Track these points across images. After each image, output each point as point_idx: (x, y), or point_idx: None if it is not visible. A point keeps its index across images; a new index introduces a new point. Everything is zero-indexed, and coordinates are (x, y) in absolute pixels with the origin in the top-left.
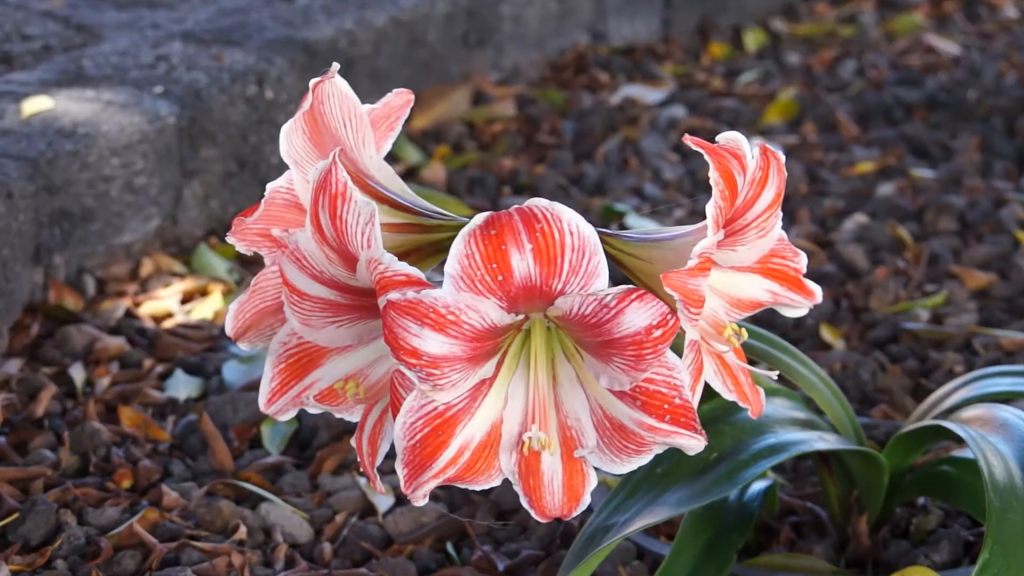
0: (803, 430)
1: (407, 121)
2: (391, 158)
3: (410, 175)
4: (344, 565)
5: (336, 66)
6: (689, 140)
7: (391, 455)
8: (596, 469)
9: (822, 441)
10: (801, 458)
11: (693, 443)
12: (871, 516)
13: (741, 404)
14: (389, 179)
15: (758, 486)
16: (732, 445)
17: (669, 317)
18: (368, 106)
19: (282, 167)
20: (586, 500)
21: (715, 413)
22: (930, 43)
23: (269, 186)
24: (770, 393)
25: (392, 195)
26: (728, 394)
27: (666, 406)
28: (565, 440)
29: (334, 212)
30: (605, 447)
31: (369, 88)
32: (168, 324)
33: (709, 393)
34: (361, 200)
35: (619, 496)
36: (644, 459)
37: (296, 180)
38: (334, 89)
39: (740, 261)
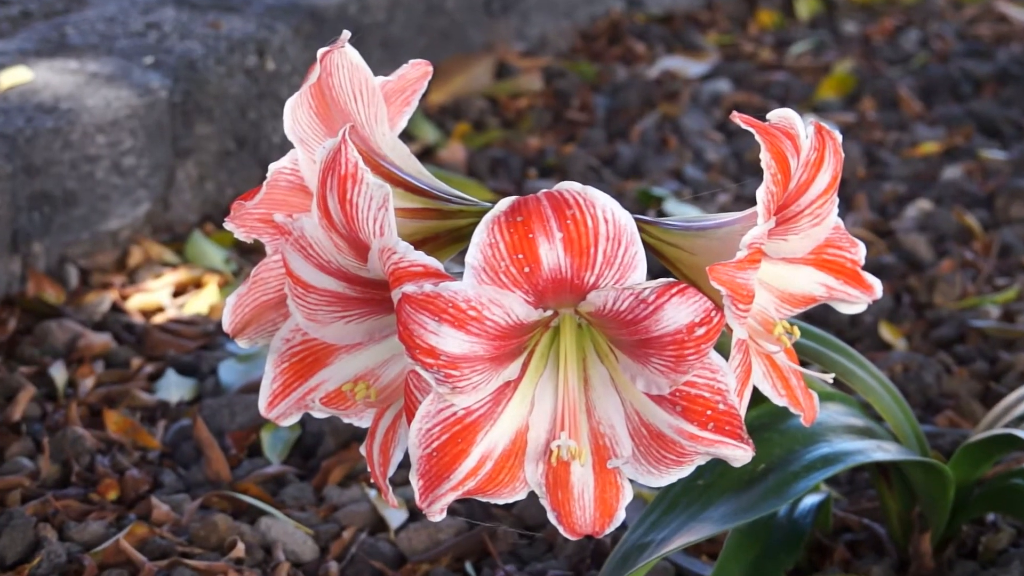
0: (860, 439)
1: (424, 96)
2: (406, 136)
3: (426, 155)
4: None
5: (346, 34)
6: (737, 117)
7: (405, 465)
8: (632, 482)
9: (881, 451)
10: (858, 470)
11: (739, 453)
12: (935, 534)
13: (793, 410)
14: (404, 159)
15: (810, 500)
16: (782, 455)
17: (713, 314)
18: (381, 79)
19: (285, 146)
20: (620, 515)
21: (763, 420)
22: (1001, 11)
23: (271, 167)
24: (824, 398)
25: (407, 177)
26: (778, 399)
27: (709, 412)
28: (597, 449)
29: (343, 195)
30: (642, 457)
31: (381, 59)
32: (159, 319)
33: (757, 398)
34: (373, 182)
35: (656, 511)
36: (684, 470)
37: (301, 160)
38: (344, 60)
39: (792, 252)
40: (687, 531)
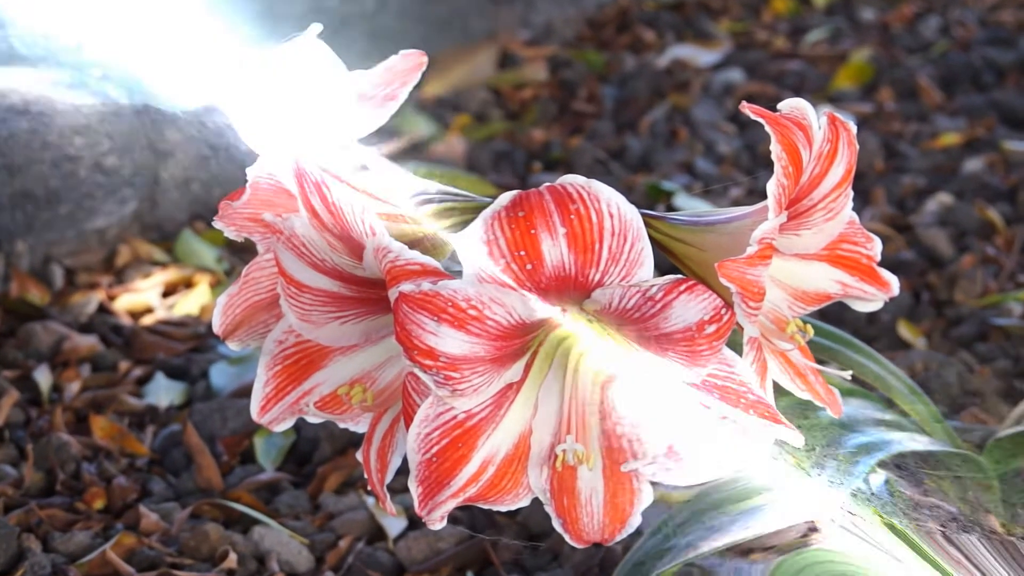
0: (892, 430)
1: (419, 87)
2: (392, 132)
3: (418, 150)
4: None
5: (316, 27)
6: (747, 108)
7: (403, 471)
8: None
9: (915, 442)
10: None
11: (791, 436)
12: None
13: (817, 403)
14: (370, 175)
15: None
16: (824, 442)
17: (723, 311)
18: (360, 72)
19: None
20: (635, 521)
21: (793, 411)
22: None
23: (249, 171)
24: (845, 394)
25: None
26: (800, 392)
27: (743, 401)
28: (610, 452)
29: (325, 199)
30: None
31: (368, 50)
32: (147, 320)
33: (777, 392)
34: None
35: (683, 513)
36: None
37: (273, 165)
38: (300, 57)
39: (805, 247)
40: (720, 533)
